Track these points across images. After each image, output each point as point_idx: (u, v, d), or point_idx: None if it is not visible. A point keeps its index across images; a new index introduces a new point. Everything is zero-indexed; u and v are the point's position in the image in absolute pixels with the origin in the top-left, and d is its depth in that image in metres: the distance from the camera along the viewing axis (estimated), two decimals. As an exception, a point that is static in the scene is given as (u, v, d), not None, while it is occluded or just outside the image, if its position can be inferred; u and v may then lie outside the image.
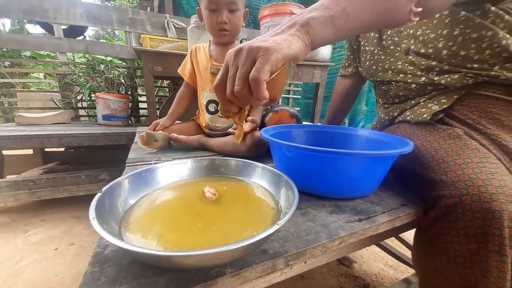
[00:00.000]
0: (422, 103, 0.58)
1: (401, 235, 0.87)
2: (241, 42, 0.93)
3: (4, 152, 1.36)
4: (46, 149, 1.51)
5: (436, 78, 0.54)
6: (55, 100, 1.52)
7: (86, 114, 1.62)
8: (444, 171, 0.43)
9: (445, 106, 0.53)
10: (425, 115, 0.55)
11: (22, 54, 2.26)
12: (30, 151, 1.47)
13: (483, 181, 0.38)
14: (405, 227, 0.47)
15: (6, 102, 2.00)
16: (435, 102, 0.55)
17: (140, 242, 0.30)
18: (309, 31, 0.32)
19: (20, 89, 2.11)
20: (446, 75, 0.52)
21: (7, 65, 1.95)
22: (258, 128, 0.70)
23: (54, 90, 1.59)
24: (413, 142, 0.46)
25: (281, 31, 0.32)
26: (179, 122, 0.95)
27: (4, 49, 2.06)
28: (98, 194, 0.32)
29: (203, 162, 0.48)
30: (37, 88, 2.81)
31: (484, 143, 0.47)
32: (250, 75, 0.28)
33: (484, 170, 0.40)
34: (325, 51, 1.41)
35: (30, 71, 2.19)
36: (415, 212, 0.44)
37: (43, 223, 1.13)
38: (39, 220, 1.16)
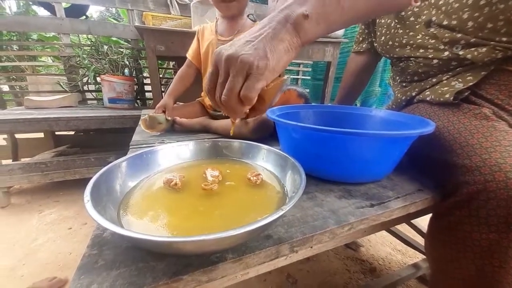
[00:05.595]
0: (444, 81, 0.53)
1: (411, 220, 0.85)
2: (247, 16, 0.87)
3: (17, 136, 1.39)
4: (56, 133, 1.54)
5: (461, 52, 0.48)
6: (62, 84, 1.52)
7: (94, 97, 1.62)
8: (468, 155, 0.39)
9: (471, 83, 0.48)
10: (447, 95, 0.50)
11: (29, 38, 2.26)
12: (42, 135, 1.51)
13: None
14: (419, 213, 0.44)
15: (18, 86, 2.02)
16: (460, 80, 0.50)
17: (139, 225, 0.29)
18: (300, 33, 0.30)
19: (29, 73, 2.12)
20: (472, 49, 0.47)
21: (15, 49, 1.95)
22: (264, 109, 0.67)
23: (62, 73, 1.58)
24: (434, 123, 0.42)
25: (273, 30, 0.29)
26: (181, 103, 0.93)
27: (12, 33, 2.05)
28: (95, 176, 0.31)
29: (205, 144, 0.46)
30: (46, 72, 2.83)
31: None
32: (242, 92, 0.29)
33: None
34: (337, 27, 1.31)
35: (37, 54, 2.18)
36: (431, 198, 0.41)
37: (56, 204, 1.18)
38: (53, 201, 1.20)
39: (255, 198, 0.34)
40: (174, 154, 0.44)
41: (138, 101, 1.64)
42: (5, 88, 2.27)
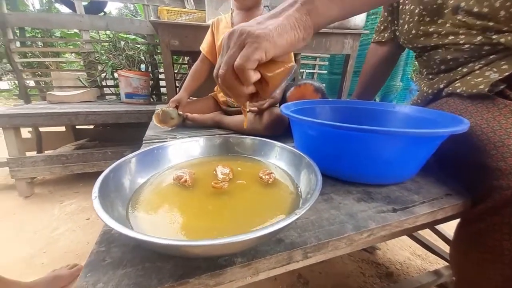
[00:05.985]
0: (477, 71, 0.48)
1: (434, 224, 0.80)
2: (263, 8, 0.84)
3: (41, 129, 1.46)
4: (77, 127, 1.60)
5: (495, 37, 0.44)
6: (82, 79, 1.57)
7: (112, 92, 1.66)
8: (503, 157, 0.36)
9: (507, 73, 0.43)
10: (481, 86, 0.44)
11: (53, 35, 2.35)
12: (63, 128, 1.57)
13: None
14: (447, 219, 0.41)
15: (42, 82, 2.12)
16: (495, 69, 0.45)
17: (148, 223, 0.28)
18: (311, 11, 0.28)
19: (53, 69, 2.21)
20: (506, 34, 0.43)
21: (40, 45, 2.04)
22: (278, 104, 0.65)
23: (82, 69, 1.64)
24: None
25: (281, 10, 0.28)
26: (194, 98, 0.92)
27: (36, 30, 2.14)
28: (104, 172, 0.30)
29: (216, 141, 0.45)
30: (69, 68, 2.95)
31: None
32: (236, 62, 0.26)
33: None
34: (358, 17, 1.25)
35: (61, 51, 2.27)
36: (462, 203, 0.37)
37: (76, 194, 1.23)
38: (73, 192, 1.25)
39: (267, 199, 0.33)
40: (185, 150, 0.43)
41: (153, 96, 1.67)
42: (31, 83, 2.39)
